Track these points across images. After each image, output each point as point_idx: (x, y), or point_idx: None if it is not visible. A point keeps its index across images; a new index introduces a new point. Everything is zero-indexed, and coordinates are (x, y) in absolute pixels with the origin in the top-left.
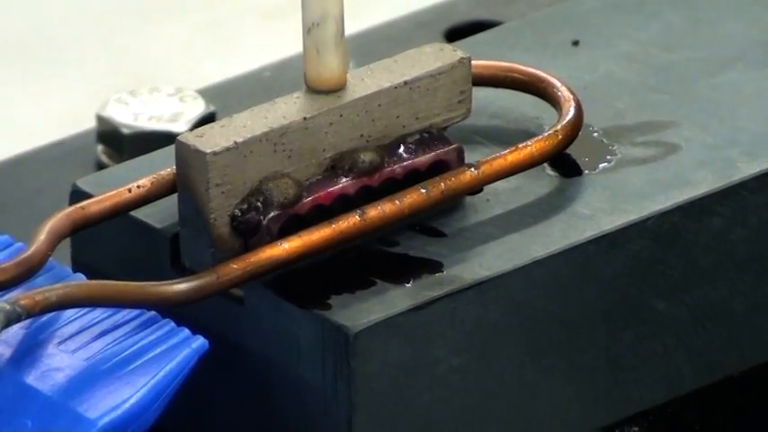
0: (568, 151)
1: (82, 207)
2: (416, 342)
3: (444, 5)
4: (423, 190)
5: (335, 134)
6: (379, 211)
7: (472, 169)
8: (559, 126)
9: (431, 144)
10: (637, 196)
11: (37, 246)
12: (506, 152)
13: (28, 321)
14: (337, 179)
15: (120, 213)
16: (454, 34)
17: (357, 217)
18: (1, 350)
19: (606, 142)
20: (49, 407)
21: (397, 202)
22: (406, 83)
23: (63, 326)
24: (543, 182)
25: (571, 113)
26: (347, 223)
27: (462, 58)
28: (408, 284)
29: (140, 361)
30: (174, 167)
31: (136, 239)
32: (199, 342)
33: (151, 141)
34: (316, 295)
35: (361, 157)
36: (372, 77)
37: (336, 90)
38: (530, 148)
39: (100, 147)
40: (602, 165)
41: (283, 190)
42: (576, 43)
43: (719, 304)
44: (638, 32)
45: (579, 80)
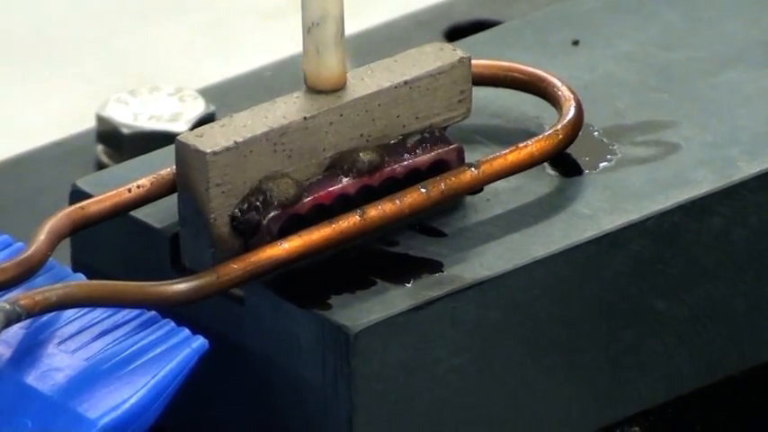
0: (569, 151)
1: (82, 207)
2: (417, 342)
3: (444, 5)
4: (423, 190)
5: (336, 134)
6: (379, 211)
7: (472, 169)
8: (560, 125)
9: (431, 144)
10: (637, 196)
11: (37, 246)
12: (507, 152)
13: (28, 321)
14: (337, 179)
15: (119, 213)
16: (454, 34)
17: (357, 217)
18: (1, 350)
19: (606, 142)
20: (50, 407)
21: (398, 202)
22: (407, 82)
23: (63, 326)
24: (544, 181)
25: (571, 113)
26: (347, 223)
27: (462, 58)
28: (408, 284)
29: (140, 361)
30: (174, 167)
31: (136, 239)
32: (199, 342)
33: (151, 141)
34: (316, 295)
35: (361, 157)
36: (372, 77)
37: (336, 90)
38: (530, 148)
39: (100, 147)
40: (602, 164)
41: (283, 190)
42: (577, 43)
43: (720, 304)
44: (638, 32)
45: (579, 80)
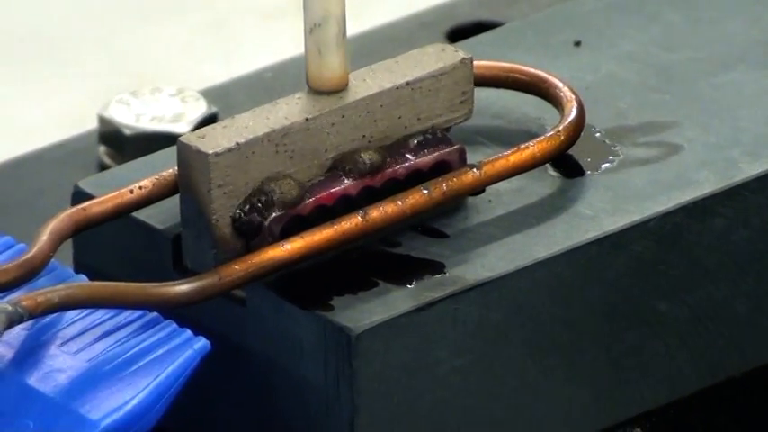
0: (570, 152)
1: (84, 208)
2: (418, 343)
3: (446, 6)
4: (425, 191)
5: (337, 135)
6: (381, 212)
7: (474, 170)
8: (561, 127)
9: (433, 145)
10: (639, 197)
11: (39, 247)
12: (508, 153)
13: (30, 322)
14: (339, 180)
15: (121, 214)
16: (456, 35)
17: (359, 218)
18: (3, 351)
19: (608, 143)
20: (52, 408)
21: (399, 203)
22: (408, 83)
23: (65, 327)
24: (545, 182)
25: (573, 114)
26: (349, 224)
27: (464, 59)
28: (410, 285)
29: (142, 362)
30: (176, 168)
31: (138, 240)
32: (201, 343)
33: (153, 142)
34: (318, 296)
35: (362, 158)
36: (374, 78)
37: (338, 91)
38: (532, 149)
39: (102, 148)
40: (604, 165)
41: (285, 191)
42: (578, 44)
43: (722, 305)
44: (639, 33)
45: (581, 80)
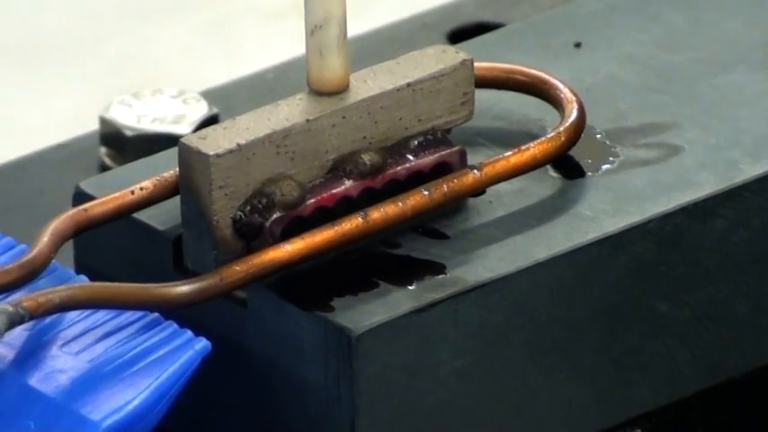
0: (571, 153)
1: (85, 209)
2: (419, 344)
3: (447, 7)
4: (425, 192)
5: (338, 136)
6: (381, 213)
7: (475, 171)
8: (562, 128)
9: (433, 146)
10: (639, 198)
11: (40, 248)
12: (509, 154)
13: (31, 323)
14: (340, 181)
15: (122, 215)
16: (457, 36)
17: (360, 219)
18: (4, 352)
19: (609, 144)
20: (53, 409)
21: (400, 204)
22: (409, 85)
23: (66, 328)
24: (546, 184)
25: (574, 115)
26: (350, 225)
27: (465, 60)
28: (411, 286)
29: (143, 363)
30: (177, 169)
31: (139, 241)
32: (202, 344)
33: (154, 143)
34: (318, 297)
35: (363, 159)
36: (375, 79)
37: (339, 92)
38: (532, 150)
39: (103, 149)
40: (604, 166)
41: (286, 192)
42: (579, 45)
43: (722, 306)
44: (639, 34)
45: (581, 82)
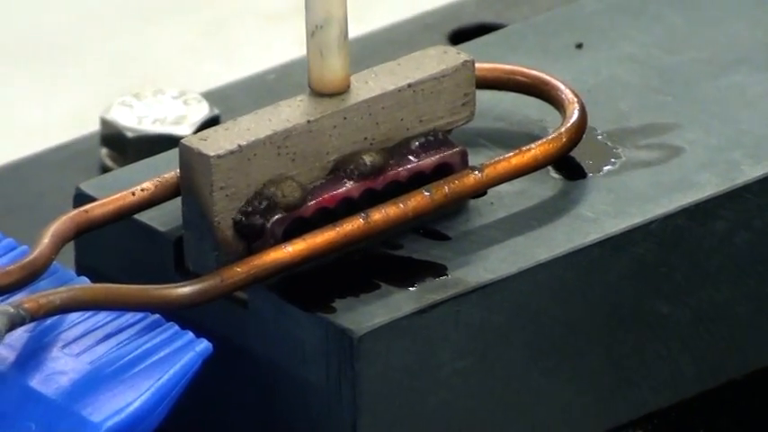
0: (572, 154)
1: (86, 210)
2: (420, 345)
3: (448, 8)
4: (427, 193)
5: (339, 137)
6: (383, 215)
7: (476, 172)
8: (563, 129)
9: (435, 147)
10: (641, 199)
11: (41, 249)
12: (510, 155)
13: (32, 325)
14: (341, 182)
15: (123, 217)
16: (458, 37)
17: (361, 220)
18: (5, 353)
19: (610, 145)
20: (53, 410)
21: (401, 206)
22: (410, 86)
23: (67, 329)
24: (547, 185)
25: (575, 116)
26: (351, 226)
27: (466, 61)
28: (412, 288)
29: (144, 364)
30: (178, 171)
31: (139, 243)
32: (203, 345)
33: (155, 144)
34: (320, 298)
35: (364, 160)
36: (376, 80)
37: (340, 93)
38: (534, 151)
39: (104, 150)
40: (606, 167)
41: (287, 193)
42: (580, 46)
43: (723, 307)
44: (641, 34)
45: (583, 83)
